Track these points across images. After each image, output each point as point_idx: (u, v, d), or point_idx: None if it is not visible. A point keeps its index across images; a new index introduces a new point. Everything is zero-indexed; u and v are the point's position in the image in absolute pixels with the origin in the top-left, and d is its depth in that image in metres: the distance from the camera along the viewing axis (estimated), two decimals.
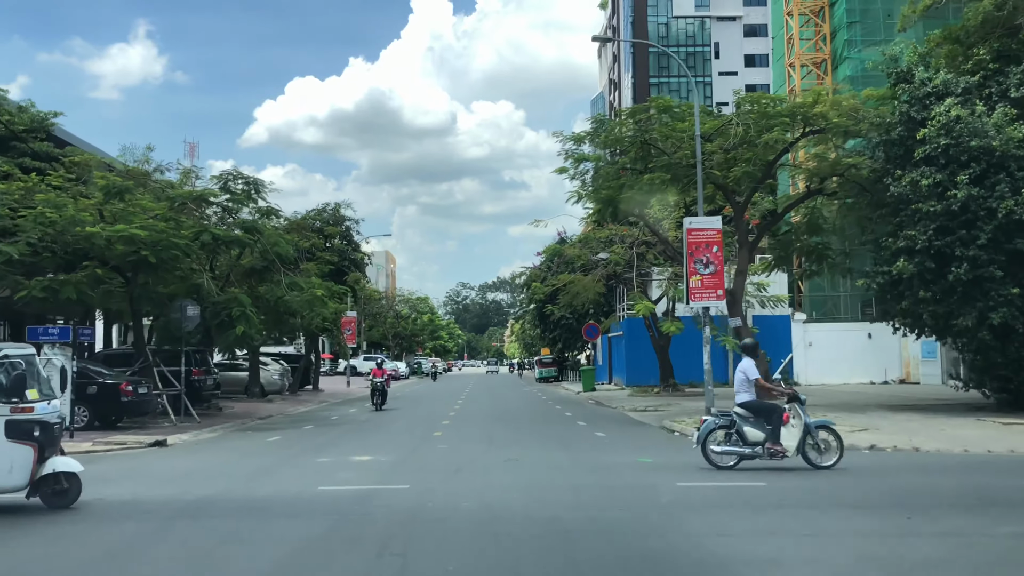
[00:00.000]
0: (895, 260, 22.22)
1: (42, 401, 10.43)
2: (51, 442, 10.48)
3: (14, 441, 10.02)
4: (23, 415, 10.10)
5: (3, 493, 10.22)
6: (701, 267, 22.46)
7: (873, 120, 22.97)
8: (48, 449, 10.40)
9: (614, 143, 25.33)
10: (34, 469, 10.18)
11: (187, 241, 23.30)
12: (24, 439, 10.08)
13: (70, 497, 10.57)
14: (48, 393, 10.79)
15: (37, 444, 10.17)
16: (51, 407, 10.60)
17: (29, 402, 10.19)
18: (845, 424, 20.30)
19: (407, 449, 17.36)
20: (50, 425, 10.41)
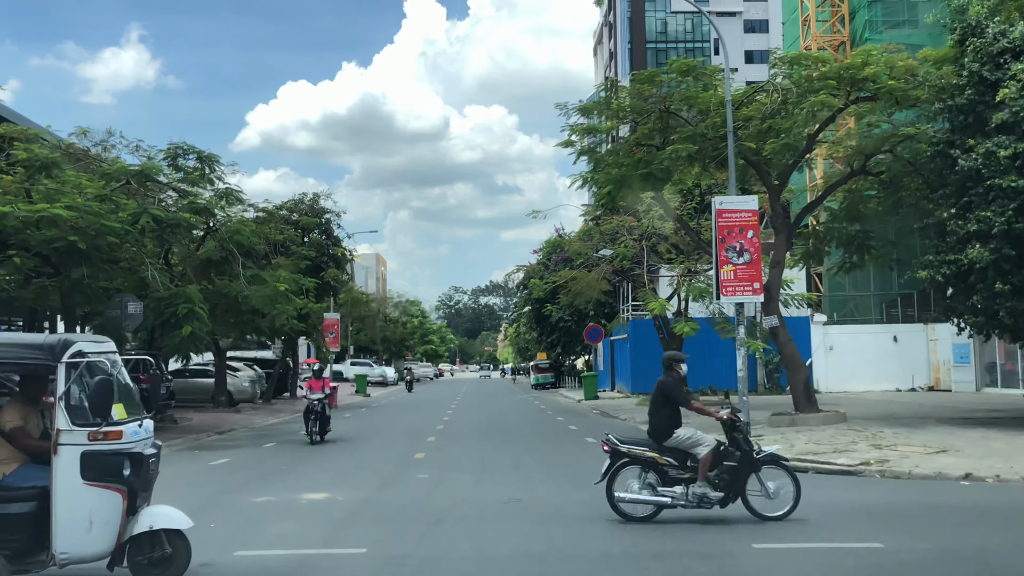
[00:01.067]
0: (964, 247, 18.66)
1: (132, 422, 7.03)
2: (145, 484, 7.16)
3: (95, 484, 6.64)
4: (108, 444, 6.70)
5: (79, 563, 6.69)
6: (734, 256, 18.90)
7: (935, 83, 19.39)
8: (141, 495, 7.09)
9: (628, 113, 21.64)
10: (122, 526, 6.79)
11: (124, 225, 19.63)
12: (109, 481, 6.69)
13: (175, 569, 7.10)
14: (136, 410, 7.33)
15: (126, 488, 6.79)
16: (144, 431, 7.20)
17: (116, 423, 6.79)
18: (913, 443, 16.77)
19: (378, 480, 13.62)
20: (144, 459, 7.02)
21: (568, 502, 11.30)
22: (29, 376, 7.46)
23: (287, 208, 38.51)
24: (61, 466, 6.60)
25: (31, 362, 6.92)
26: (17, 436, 7.06)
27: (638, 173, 20.90)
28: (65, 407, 6.66)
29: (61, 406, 6.67)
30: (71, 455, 6.61)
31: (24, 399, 7.42)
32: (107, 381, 6.71)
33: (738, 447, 9.91)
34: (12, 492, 6.78)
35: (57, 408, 6.68)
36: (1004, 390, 35.12)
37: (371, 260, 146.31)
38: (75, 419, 6.68)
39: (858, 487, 12.63)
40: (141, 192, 22.13)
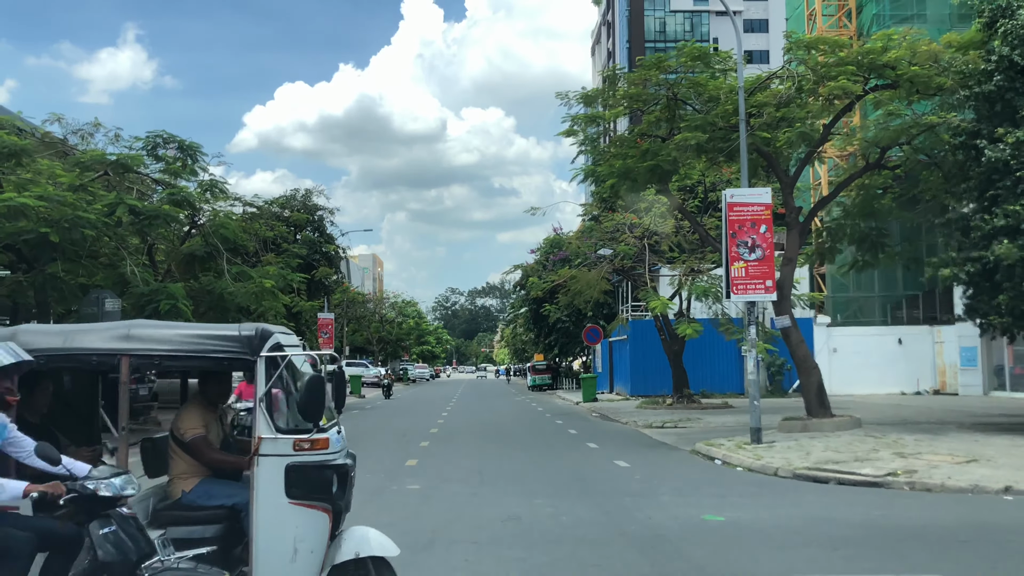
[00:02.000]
0: (990, 243, 17.60)
1: (332, 429, 5.88)
2: (348, 503, 6.05)
3: (300, 503, 5.49)
4: (315, 455, 5.57)
5: None
6: (745, 252, 17.84)
7: (960, 69, 18.31)
8: (343, 515, 5.97)
9: (633, 100, 20.52)
10: (327, 551, 5.62)
11: (100, 217, 18.50)
12: (316, 499, 5.54)
13: None
14: (332, 415, 6.20)
15: (331, 507, 5.62)
16: (342, 439, 6.09)
17: (322, 431, 5.65)
18: (939, 451, 15.69)
19: (364, 492, 12.39)
20: (347, 473, 5.88)
21: (573, 519, 10.17)
22: (208, 375, 6.38)
23: (278, 204, 37.38)
24: (262, 481, 5.48)
25: (225, 355, 5.69)
26: (200, 447, 6.02)
27: (644, 165, 19.80)
28: (266, 410, 5.56)
29: (262, 409, 5.57)
30: (274, 468, 5.49)
31: (203, 403, 6.33)
32: (320, 379, 5.55)
33: None
34: (195, 512, 5.71)
35: (258, 411, 5.58)
36: (1013, 394, 34.12)
37: (368, 261, 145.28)
38: (281, 421, 5.63)
39: (890, 501, 11.53)
40: (123, 184, 21.03)
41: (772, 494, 12.25)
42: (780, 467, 14.46)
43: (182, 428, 6.11)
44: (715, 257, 30.23)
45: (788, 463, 14.67)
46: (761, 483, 13.44)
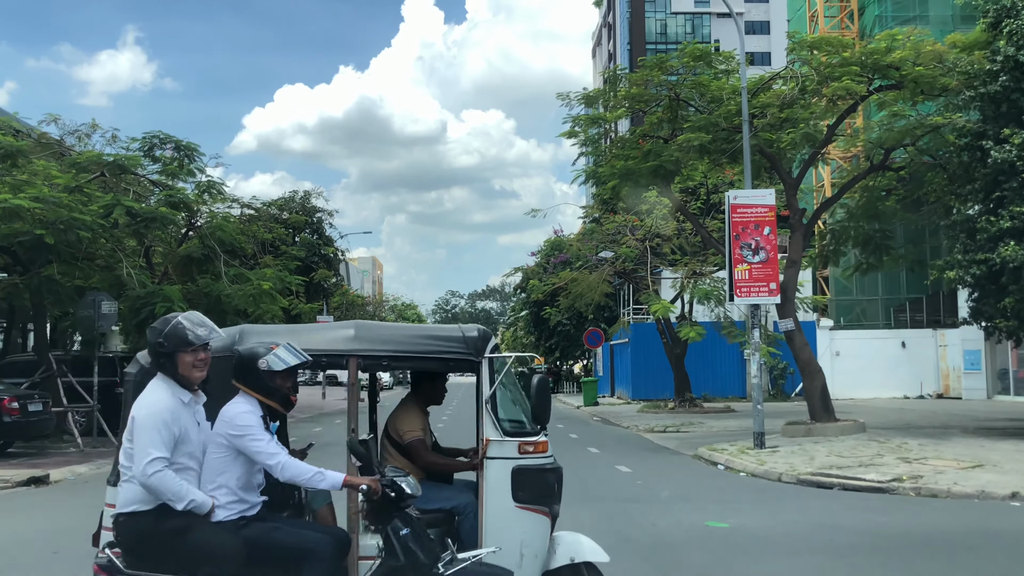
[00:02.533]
0: (996, 245, 17.39)
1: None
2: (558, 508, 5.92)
3: (526, 508, 5.49)
4: (537, 458, 5.61)
5: None
6: (748, 254, 17.65)
7: (965, 69, 18.12)
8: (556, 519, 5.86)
9: (635, 101, 20.33)
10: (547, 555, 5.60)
11: (95, 218, 18.30)
12: (540, 503, 5.55)
13: None
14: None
15: (550, 512, 5.65)
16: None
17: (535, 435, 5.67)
18: (944, 456, 15.48)
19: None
20: (562, 477, 5.84)
21: (574, 525, 9.92)
22: (421, 376, 6.32)
23: (277, 206, 37.15)
24: (490, 484, 5.43)
25: (450, 356, 5.63)
26: (418, 450, 5.95)
27: (647, 166, 19.61)
28: (492, 412, 5.51)
29: (489, 411, 5.53)
30: (501, 471, 5.44)
31: (417, 404, 6.25)
32: (547, 381, 5.53)
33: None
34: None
35: (486, 413, 5.54)
36: (1017, 398, 33.92)
37: (367, 263, 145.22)
38: (506, 421, 5.59)
39: (895, 507, 11.33)
40: (120, 186, 20.83)
41: (776, 500, 12.06)
42: (783, 472, 14.25)
43: (401, 429, 6.08)
44: (717, 260, 30.03)
45: (792, 468, 14.47)
46: (764, 488, 13.25)
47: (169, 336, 4.68)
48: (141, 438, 4.50)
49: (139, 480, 4.47)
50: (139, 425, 4.53)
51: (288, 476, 4.75)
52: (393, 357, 5.65)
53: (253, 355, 4.89)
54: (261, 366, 4.84)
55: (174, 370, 4.69)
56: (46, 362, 19.99)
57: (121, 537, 4.62)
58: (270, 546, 4.71)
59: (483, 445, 5.51)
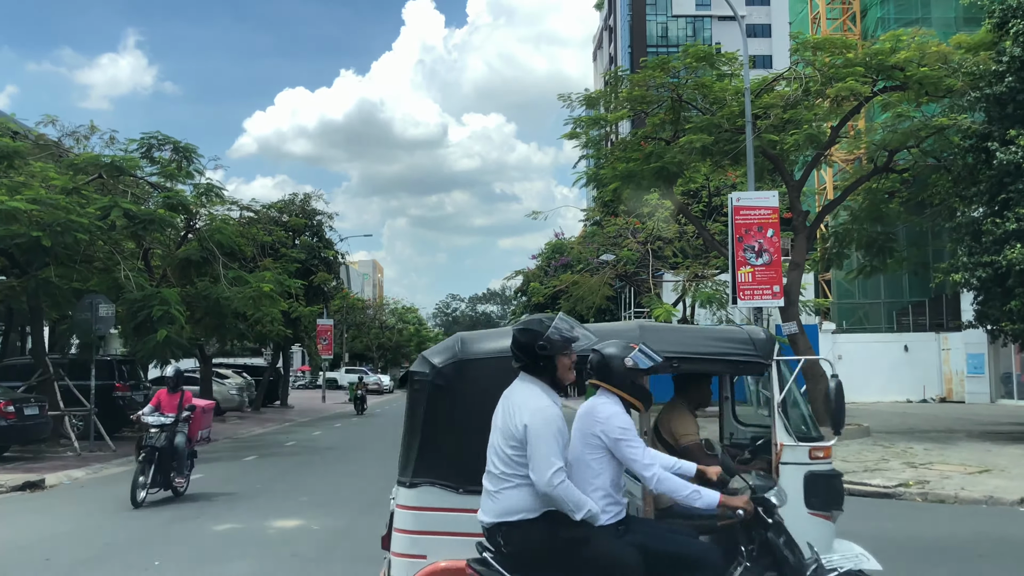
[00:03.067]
0: (1002, 248, 17.25)
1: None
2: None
3: (817, 514, 5.35)
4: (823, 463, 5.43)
5: None
6: (752, 257, 17.45)
7: (970, 70, 17.96)
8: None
9: (637, 102, 20.17)
10: None
11: (93, 220, 18.14)
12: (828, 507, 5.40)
13: None
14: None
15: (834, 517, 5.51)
16: None
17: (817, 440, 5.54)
18: (950, 461, 15.33)
19: (361, 503, 12.08)
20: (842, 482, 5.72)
21: None
22: (689, 379, 6.24)
23: (277, 209, 36.97)
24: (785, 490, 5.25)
25: (740, 359, 5.47)
26: (695, 453, 5.77)
27: (649, 167, 19.43)
28: (784, 416, 5.38)
29: (781, 415, 5.37)
30: (794, 477, 5.28)
31: (687, 407, 6.16)
32: (842, 386, 5.37)
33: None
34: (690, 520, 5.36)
35: (778, 418, 5.37)
36: (1021, 402, 33.78)
37: (368, 267, 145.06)
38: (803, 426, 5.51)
39: (902, 513, 11.16)
40: (119, 188, 20.67)
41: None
42: None
43: (677, 433, 5.99)
44: (719, 263, 29.86)
45: None
46: None
47: (552, 339, 4.50)
48: (541, 447, 4.31)
49: (543, 490, 4.29)
50: (536, 433, 4.34)
51: (664, 489, 4.54)
52: (682, 359, 5.47)
53: (616, 353, 4.74)
54: (628, 364, 4.67)
55: (552, 373, 4.53)
56: (43, 365, 19.81)
57: (510, 546, 4.42)
58: (660, 553, 4.53)
59: (777, 451, 5.36)
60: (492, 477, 4.46)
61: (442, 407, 5.07)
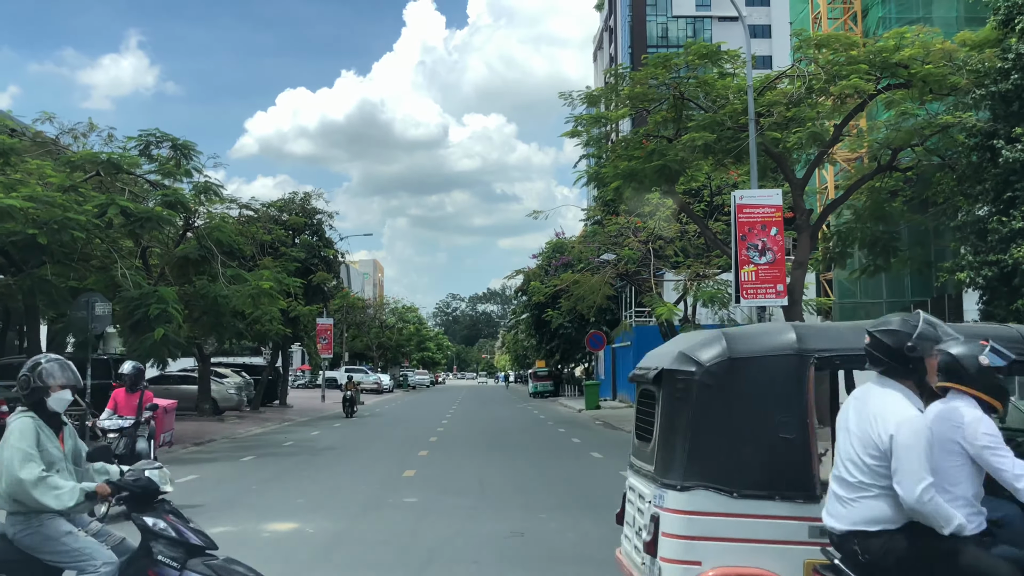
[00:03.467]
0: (1008, 247, 17.06)
1: None
2: None
3: None
4: None
5: None
6: (756, 255, 17.26)
7: (975, 67, 17.77)
8: None
9: (639, 100, 19.98)
10: None
11: (90, 218, 17.95)
12: None
13: None
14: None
15: None
16: None
17: None
18: None
19: (358, 505, 11.89)
20: None
21: (579, 535, 9.58)
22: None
23: (276, 208, 36.78)
24: None
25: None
26: None
27: (651, 165, 19.23)
28: None
29: None
30: None
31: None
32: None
33: None
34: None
35: None
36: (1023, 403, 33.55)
37: (368, 266, 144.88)
38: None
39: None
40: (116, 186, 20.47)
41: None
42: None
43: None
44: (721, 262, 29.66)
45: None
46: None
47: (924, 339, 4.27)
48: (910, 461, 4.09)
49: (911, 505, 4.06)
50: (904, 445, 4.11)
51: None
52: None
53: (968, 352, 4.41)
54: (983, 363, 4.36)
55: (921, 375, 4.31)
56: None
57: (868, 555, 4.21)
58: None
59: None
60: (846, 484, 4.27)
61: (713, 408, 4.87)
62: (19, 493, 4.79)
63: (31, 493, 4.75)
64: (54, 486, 4.79)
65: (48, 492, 4.77)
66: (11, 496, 4.82)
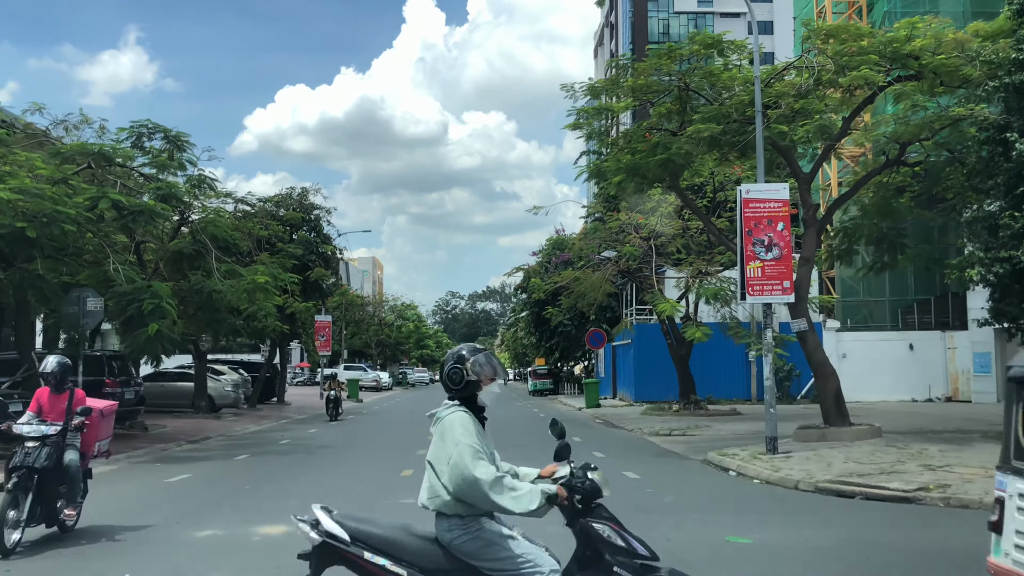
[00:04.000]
0: (1021, 243, 16.64)
1: None
2: None
3: None
4: None
5: None
6: (762, 251, 16.87)
7: (988, 59, 17.34)
8: None
9: (642, 92, 19.55)
10: None
11: (80, 211, 17.52)
12: None
13: None
14: None
15: None
16: None
17: None
18: (968, 464, 14.70)
19: (351, 509, 11.38)
20: None
21: None
22: None
23: (273, 203, 36.35)
24: None
25: None
26: None
27: (655, 159, 18.79)
28: None
29: None
30: None
31: None
32: None
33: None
34: None
35: None
36: None
37: (368, 264, 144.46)
38: None
39: (927, 520, 10.55)
40: (109, 180, 20.04)
41: (797, 511, 11.29)
42: (801, 480, 13.49)
43: None
44: (723, 259, 29.26)
45: (809, 475, 13.71)
46: (782, 498, 12.49)
47: None
48: None
49: None
50: None
51: None
52: None
53: None
54: None
55: None
56: (28, 360, 19.21)
57: None
58: None
59: None
60: None
61: None
62: (470, 493, 4.34)
63: (487, 494, 4.30)
64: (511, 487, 4.37)
65: (505, 493, 4.35)
66: (460, 496, 4.38)
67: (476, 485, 4.26)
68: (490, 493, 4.26)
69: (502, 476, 4.36)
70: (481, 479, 4.25)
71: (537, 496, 4.36)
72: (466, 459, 4.31)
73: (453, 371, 4.67)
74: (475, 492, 4.28)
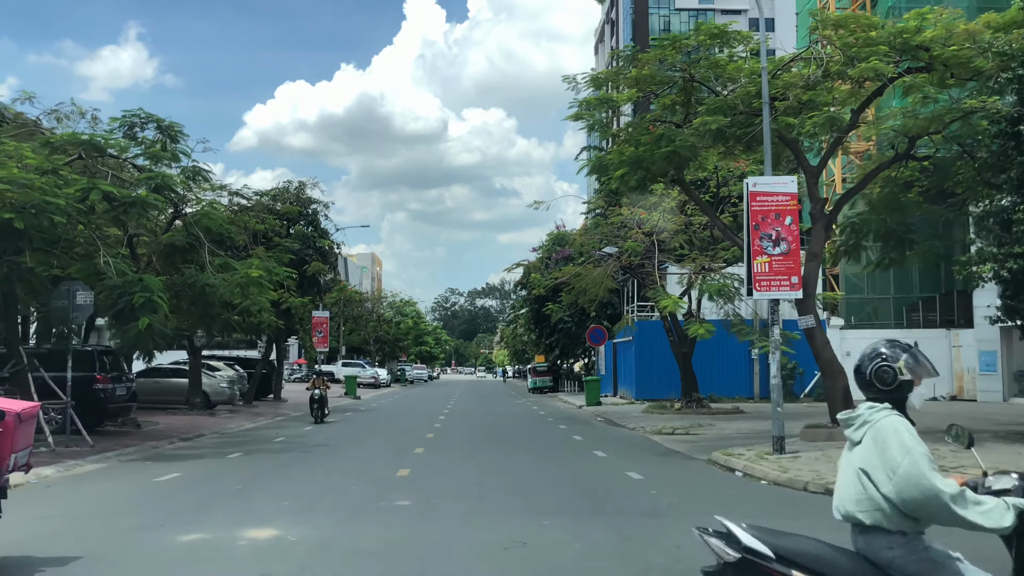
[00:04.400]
0: None
1: None
2: None
3: None
4: None
5: None
6: (769, 245, 16.44)
7: (1001, 49, 16.88)
8: None
9: (647, 83, 19.09)
10: None
11: (70, 202, 17.05)
12: None
13: None
14: None
15: None
16: None
17: None
18: (985, 465, 14.26)
19: (346, 509, 10.99)
20: None
21: (588, 545, 8.72)
22: None
23: (270, 196, 35.88)
24: None
25: None
26: None
27: (660, 152, 18.32)
28: None
29: None
30: None
31: None
32: None
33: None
34: None
35: None
36: None
37: (367, 260, 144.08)
38: None
39: None
40: (101, 171, 19.57)
41: (808, 514, 10.83)
42: (810, 481, 13.06)
43: None
44: (727, 255, 28.84)
45: (818, 476, 13.28)
46: (792, 500, 12.06)
47: None
48: None
49: None
50: None
51: None
52: None
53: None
54: None
55: None
56: (16, 355, 18.76)
57: None
58: None
59: None
60: None
61: None
62: (929, 507, 3.84)
63: (953, 508, 3.79)
64: (975, 500, 3.85)
65: (971, 507, 3.83)
66: (911, 510, 3.89)
67: (938, 498, 3.79)
68: (954, 506, 3.78)
69: (964, 489, 3.86)
70: (944, 491, 3.79)
71: (1008, 511, 3.86)
72: (923, 469, 3.85)
73: (882, 369, 4.20)
74: (935, 506, 3.81)
